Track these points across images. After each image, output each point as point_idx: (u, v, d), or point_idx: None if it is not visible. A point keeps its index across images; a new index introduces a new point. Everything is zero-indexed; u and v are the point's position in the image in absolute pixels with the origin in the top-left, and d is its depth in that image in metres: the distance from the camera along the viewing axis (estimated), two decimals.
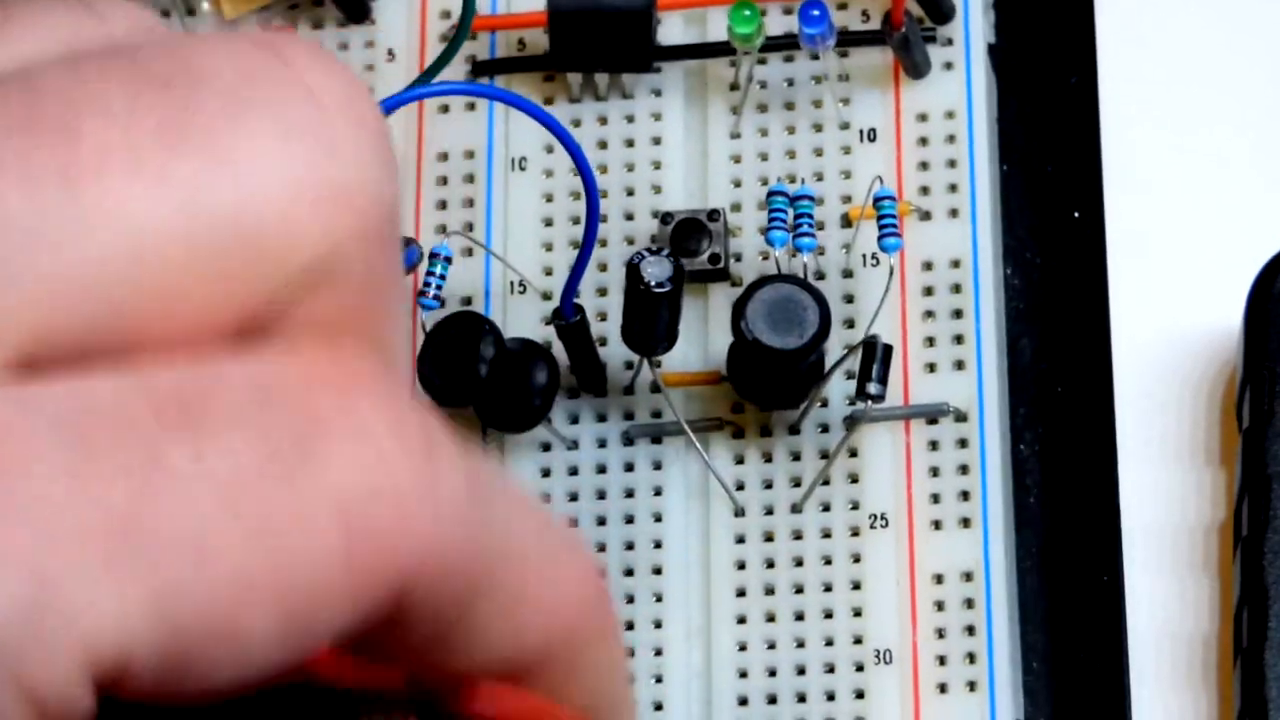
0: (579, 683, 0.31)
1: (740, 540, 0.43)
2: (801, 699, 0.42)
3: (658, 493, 0.43)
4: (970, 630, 0.42)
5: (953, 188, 0.45)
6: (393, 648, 0.29)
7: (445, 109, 0.46)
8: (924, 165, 0.45)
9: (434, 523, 0.27)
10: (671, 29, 0.46)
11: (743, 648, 0.42)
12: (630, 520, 0.43)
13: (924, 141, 0.45)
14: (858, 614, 0.42)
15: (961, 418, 0.43)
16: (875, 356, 0.42)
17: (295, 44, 0.26)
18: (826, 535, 0.43)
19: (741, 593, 0.42)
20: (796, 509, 0.43)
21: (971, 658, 0.41)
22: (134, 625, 0.26)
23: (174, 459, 0.26)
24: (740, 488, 0.43)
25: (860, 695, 0.42)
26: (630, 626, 0.43)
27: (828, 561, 0.42)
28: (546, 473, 0.43)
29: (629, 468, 0.44)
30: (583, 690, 0.31)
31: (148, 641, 0.26)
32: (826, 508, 0.43)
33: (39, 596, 0.24)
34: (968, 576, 0.42)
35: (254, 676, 0.27)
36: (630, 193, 0.46)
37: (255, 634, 0.26)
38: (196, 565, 0.26)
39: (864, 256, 0.44)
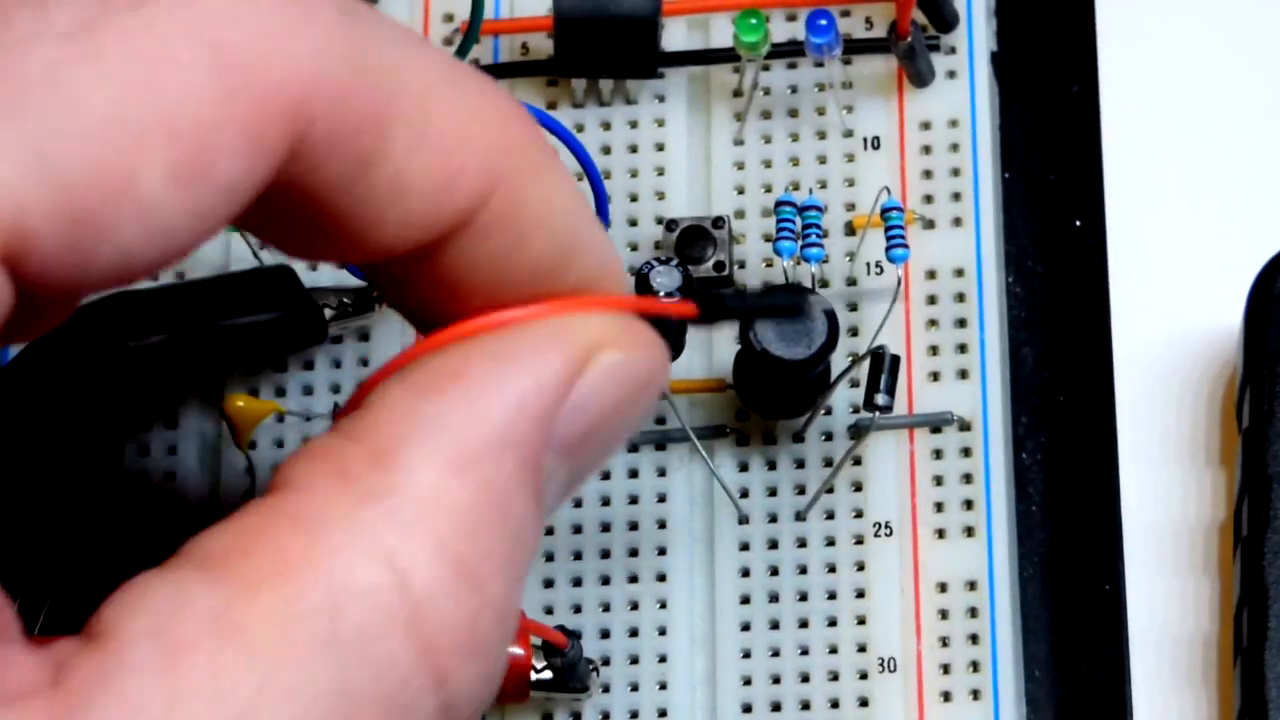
0: (533, 225, 0.31)
1: (744, 547, 0.43)
2: (805, 706, 0.41)
3: (662, 499, 0.43)
4: (974, 639, 0.42)
5: (956, 196, 0.45)
6: (316, 198, 0.29)
7: None
8: (927, 174, 0.45)
9: (312, 52, 0.28)
10: (676, 35, 0.46)
11: (747, 655, 0.42)
12: (634, 527, 0.43)
13: (927, 150, 0.45)
14: (862, 622, 0.42)
15: (965, 426, 0.43)
16: (884, 367, 0.42)
17: None
18: (830, 543, 0.42)
19: (746, 600, 0.42)
20: (800, 517, 0.42)
21: (975, 666, 0.41)
22: (21, 186, 0.26)
23: (18, 21, 0.27)
24: (744, 495, 0.43)
25: (864, 703, 0.41)
26: (634, 633, 0.42)
27: (832, 569, 0.42)
28: None
29: (633, 474, 0.43)
30: (540, 232, 0.31)
31: (41, 202, 0.26)
32: (830, 515, 0.42)
33: None
34: (971, 585, 0.42)
35: (165, 241, 0.28)
36: (634, 199, 0.45)
37: (148, 183, 0.27)
38: (66, 114, 0.26)
39: (868, 265, 0.44)
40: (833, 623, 0.42)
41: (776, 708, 0.42)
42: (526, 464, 0.31)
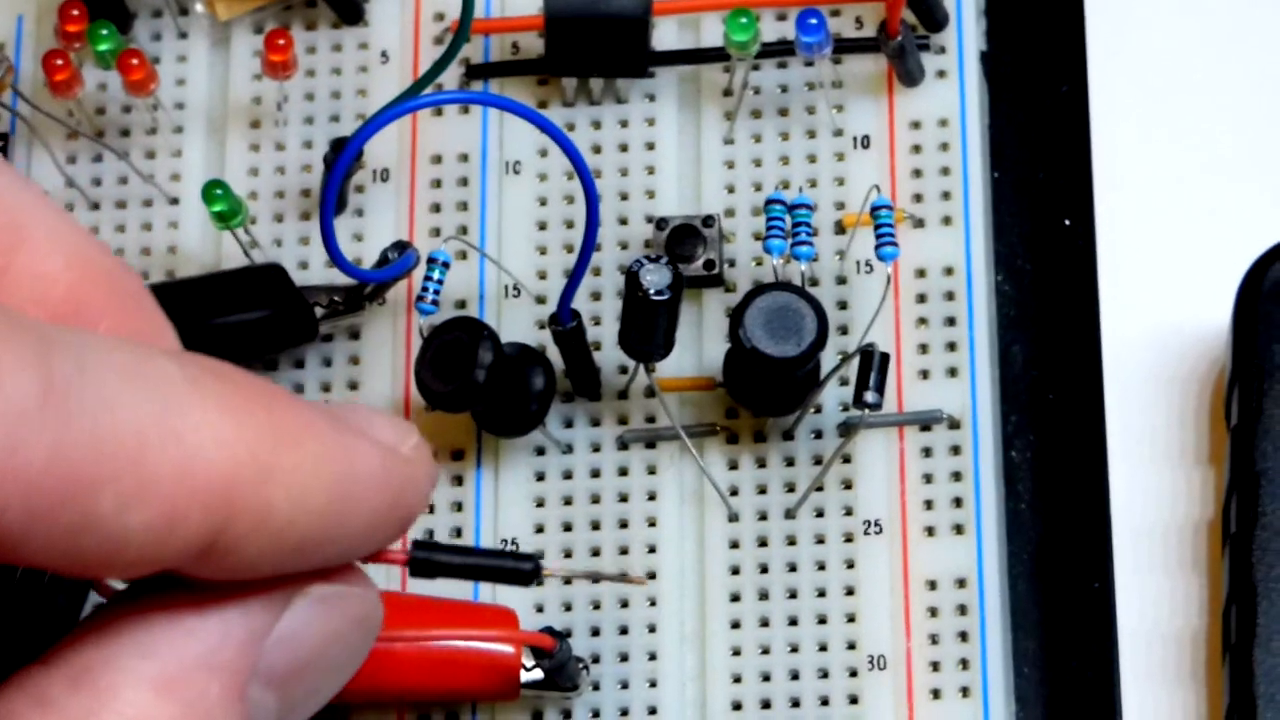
0: (281, 520, 0.30)
1: (734, 545, 0.42)
2: (795, 704, 0.41)
3: (652, 497, 0.43)
4: (963, 636, 0.41)
5: (946, 195, 0.44)
6: (38, 562, 0.29)
7: (439, 112, 0.46)
8: (917, 173, 0.45)
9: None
10: (666, 34, 0.46)
11: (736, 652, 0.42)
12: (624, 525, 0.43)
13: (917, 149, 0.45)
14: (851, 620, 0.41)
15: (954, 424, 0.43)
16: (873, 365, 0.41)
17: None
18: (820, 541, 0.42)
19: (735, 597, 0.42)
20: (790, 514, 0.42)
21: (965, 664, 0.41)
22: None
23: None
24: (734, 493, 0.42)
25: (854, 700, 0.41)
26: (624, 631, 0.42)
27: (821, 567, 0.42)
28: (541, 476, 0.42)
29: (623, 472, 0.43)
30: (287, 527, 0.30)
31: None
32: (820, 513, 0.42)
33: None
34: (961, 583, 0.42)
35: None
36: (624, 197, 0.45)
37: None
38: None
39: (858, 263, 0.44)
40: (822, 620, 0.41)
41: (766, 705, 0.41)
42: (230, 690, 0.31)
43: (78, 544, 0.29)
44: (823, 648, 0.41)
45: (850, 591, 0.42)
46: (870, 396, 0.41)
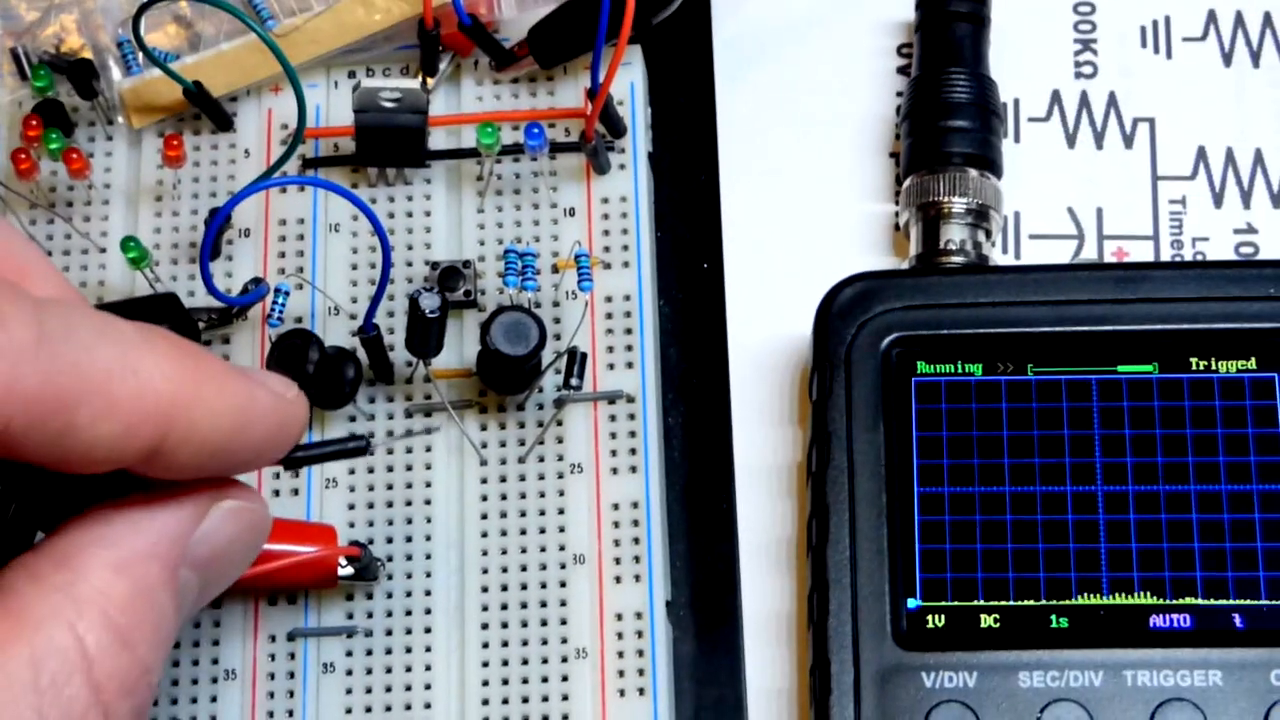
0: (205, 438, 0.32)
1: (484, 481, 0.44)
2: (524, 587, 0.43)
3: (428, 449, 0.44)
4: (636, 541, 0.43)
5: (624, 247, 0.45)
6: (27, 457, 0.29)
7: (284, 190, 0.46)
8: (606, 232, 0.46)
9: (6, 374, 0.29)
10: (437, 138, 0.47)
11: (485, 553, 0.43)
12: (409, 469, 0.44)
13: (606, 216, 0.46)
14: (562, 530, 0.43)
15: (630, 400, 0.44)
16: (576, 361, 0.43)
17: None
18: (541, 478, 0.44)
19: (484, 516, 0.44)
20: (522, 460, 0.44)
21: (637, 559, 0.43)
22: None
23: None
24: (485, 446, 0.44)
25: (563, 585, 0.43)
26: (409, 539, 0.43)
27: (542, 495, 0.44)
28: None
29: (408, 433, 0.44)
30: (211, 441, 0.32)
31: None
32: (541, 459, 0.44)
33: None
34: (635, 505, 0.43)
35: None
36: (410, 248, 0.46)
37: None
38: None
39: (567, 293, 0.45)
40: (543, 530, 0.43)
41: (504, 588, 0.43)
42: (166, 571, 0.32)
43: (62, 445, 0.30)
44: (542, 549, 0.43)
45: (561, 511, 0.43)
46: (574, 381, 0.43)
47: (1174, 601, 0.41)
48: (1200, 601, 0.41)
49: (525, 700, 0.42)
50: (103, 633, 0.31)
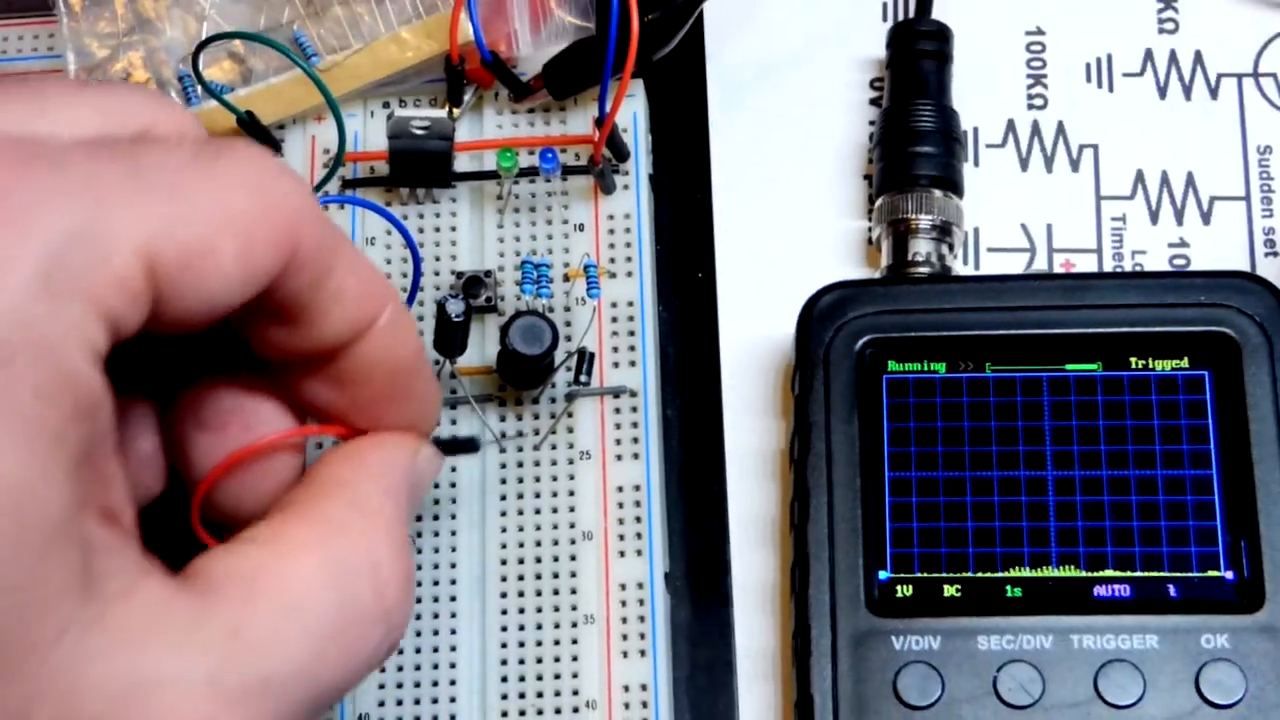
0: (397, 345, 0.32)
1: (503, 467, 0.44)
2: (538, 560, 0.42)
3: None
4: (638, 519, 0.43)
5: (628, 259, 0.45)
6: (289, 296, 0.29)
7: (326, 208, 0.44)
8: (612, 245, 0.45)
9: (305, 202, 0.29)
10: (462, 162, 0.46)
11: (504, 530, 0.43)
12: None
13: (612, 231, 0.46)
14: (572, 510, 0.43)
15: (633, 394, 0.44)
16: (584, 360, 0.43)
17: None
18: (554, 464, 0.44)
19: (503, 497, 0.43)
20: (536, 448, 0.44)
21: (639, 535, 0.43)
22: (158, 243, 0.26)
23: (148, 155, 0.27)
24: (504, 435, 0.44)
25: (573, 558, 0.42)
26: (435, 518, 0.43)
27: (554, 479, 0.43)
28: None
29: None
30: (401, 349, 0.32)
31: (167, 246, 0.26)
32: (554, 447, 0.44)
33: (92, 228, 0.25)
34: (636, 488, 0.43)
35: (223, 299, 0.28)
36: (437, 259, 0.46)
37: (225, 252, 0.27)
38: (184, 204, 0.27)
39: (577, 299, 0.45)
40: (555, 510, 0.43)
41: (521, 561, 0.42)
42: (402, 496, 0.33)
43: (324, 285, 0.30)
44: (555, 526, 0.43)
45: (571, 493, 0.43)
46: (583, 378, 0.43)
47: (1115, 573, 0.41)
48: (1138, 574, 0.41)
49: (539, 661, 0.42)
50: (385, 549, 0.31)
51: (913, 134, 0.47)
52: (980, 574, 0.42)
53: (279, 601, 0.29)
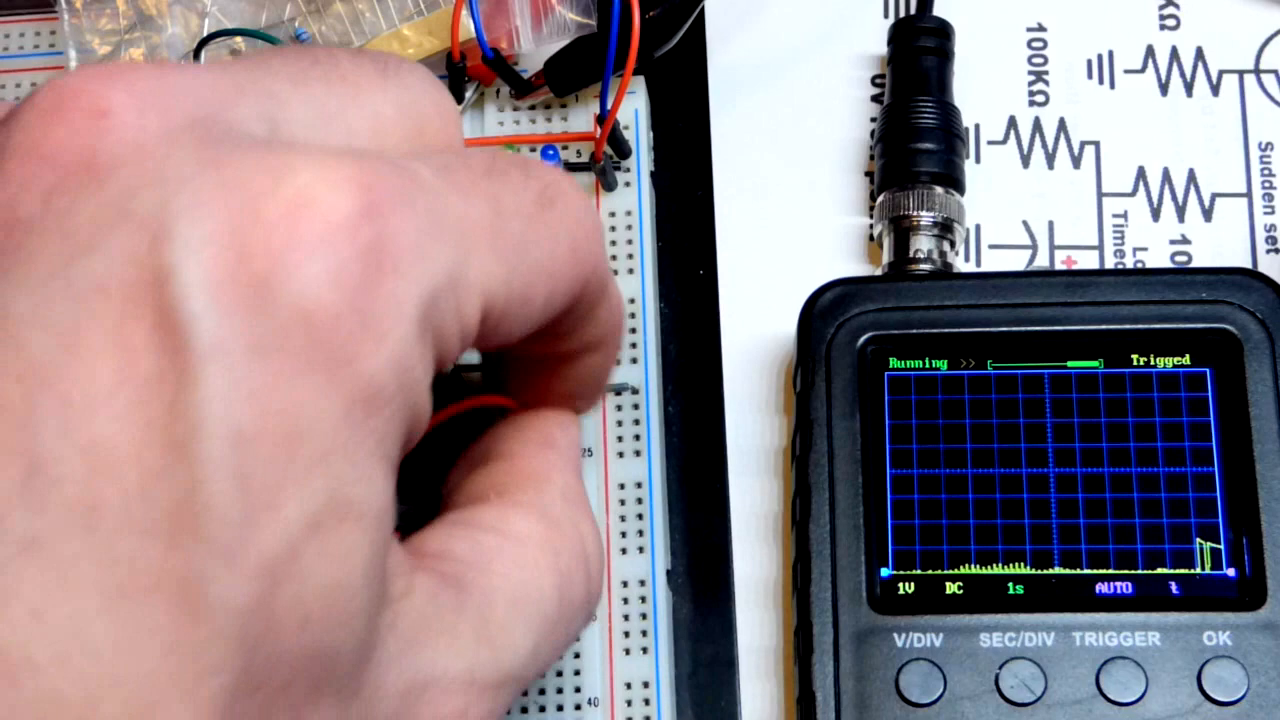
0: (613, 355, 0.34)
1: None
2: None
3: None
4: (640, 516, 0.43)
5: (630, 255, 0.45)
6: (550, 325, 0.31)
7: None
8: (613, 242, 0.45)
9: (603, 246, 0.31)
10: None
11: None
12: None
13: (613, 228, 0.45)
14: None
15: (635, 391, 0.44)
16: None
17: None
18: None
19: None
20: None
21: (640, 532, 0.42)
22: (497, 291, 0.28)
23: (503, 196, 0.28)
24: None
25: None
26: None
27: None
28: None
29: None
30: (614, 358, 0.34)
31: (501, 294, 0.28)
32: None
33: (461, 276, 0.27)
34: (638, 485, 0.43)
35: (524, 330, 0.29)
36: None
37: (538, 299, 0.29)
38: (526, 258, 0.28)
39: None
40: None
41: None
42: (577, 460, 0.34)
43: (591, 315, 0.32)
44: None
45: None
46: None
47: (1117, 571, 0.41)
48: (1140, 571, 0.41)
49: None
50: (592, 538, 0.32)
51: (914, 131, 0.47)
52: (982, 571, 0.42)
53: (513, 594, 0.30)
